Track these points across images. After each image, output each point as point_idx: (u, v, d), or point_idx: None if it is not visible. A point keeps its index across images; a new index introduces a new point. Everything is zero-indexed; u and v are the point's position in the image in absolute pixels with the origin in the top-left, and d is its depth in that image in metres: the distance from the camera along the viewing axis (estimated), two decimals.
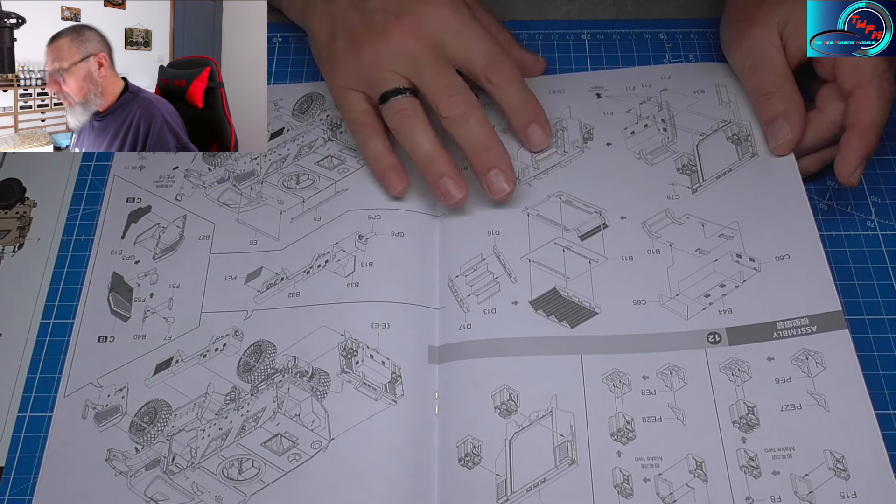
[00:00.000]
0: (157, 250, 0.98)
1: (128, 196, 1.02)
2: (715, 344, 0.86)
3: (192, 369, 0.90)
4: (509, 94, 0.95)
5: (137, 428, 0.87)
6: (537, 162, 1.00)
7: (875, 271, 0.95)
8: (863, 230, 0.98)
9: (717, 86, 1.04)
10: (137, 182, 1.03)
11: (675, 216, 0.94)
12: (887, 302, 0.93)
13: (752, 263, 0.90)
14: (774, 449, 0.80)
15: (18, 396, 0.90)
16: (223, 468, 0.84)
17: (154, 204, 1.01)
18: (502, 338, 0.88)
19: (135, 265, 0.97)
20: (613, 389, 0.84)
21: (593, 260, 0.92)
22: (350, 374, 0.87)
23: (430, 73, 0.93)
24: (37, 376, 0.91)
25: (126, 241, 0.98)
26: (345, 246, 0.95)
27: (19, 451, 0.87)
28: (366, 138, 0.97)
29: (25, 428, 0.88)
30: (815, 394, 0.82)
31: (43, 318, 0.95)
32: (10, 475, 0.86)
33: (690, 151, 0.99)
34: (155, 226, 0.99)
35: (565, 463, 0.81)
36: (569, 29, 1.15)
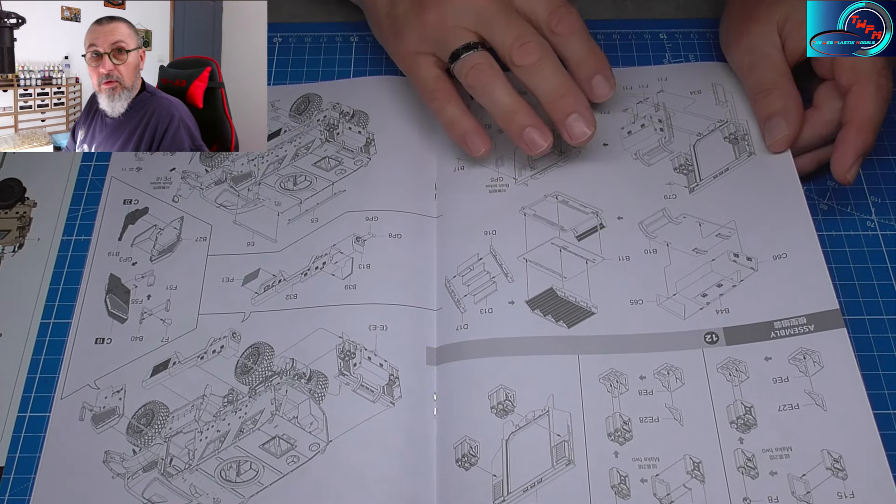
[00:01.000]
0: (155, 252, 0.97)
1: (125, 198, 1.01)
2: (712, 344, 0.86)
3: (190, 371, 0.90)
4: (573, 46, 0.94)
5: (135, 430, 0.87)
6: (534, 162, 0.99)
7: (875, 271, 0.95)
8: (863, 230, 0.97)
9: (714, 85, 1.04)
10: (134, 184, 1.03)
11: (671, 216, 0.94)
12: (887, 302, 0.92)
13: (749, 263, 0.90)
14: (772, 449, 0.79)
15: (18, 396, 0.90)
16: (221, 470, 0.84)
17: (151, 205, 1.01)
18: (499, 338, 0.88)
19: (132, 267, 0.96)
20: (610, 389, 0.84)
21: (590, 260, 0.92)
22: (348, 376, 0.87)
23: (499, 24, 0.91)
24: (37, 376, 0.91)
25: (123, 242, 0.98)
26: (342, 248, 0.95)
27: (19, 451, 0.87)
28: (441, 104, 0.95)
29: (25, 428, 0.88)
30: (813, 393, 0.81)
31: (43, 318, 0.95)
32: (10, 475, 0.85)
33: (687, 151, 0.99)
34: (152, 227, 0.99)
35: (562, 463, 0.80)
36: None
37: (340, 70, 1.13)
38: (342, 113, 1.07)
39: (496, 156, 1.00)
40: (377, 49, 1.11)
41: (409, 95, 1.07)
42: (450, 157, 1.01)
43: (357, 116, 1.06)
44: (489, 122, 0.98)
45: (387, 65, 1.11)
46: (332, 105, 1.08)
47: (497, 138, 0.99)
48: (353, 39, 1.16)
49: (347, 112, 1.07)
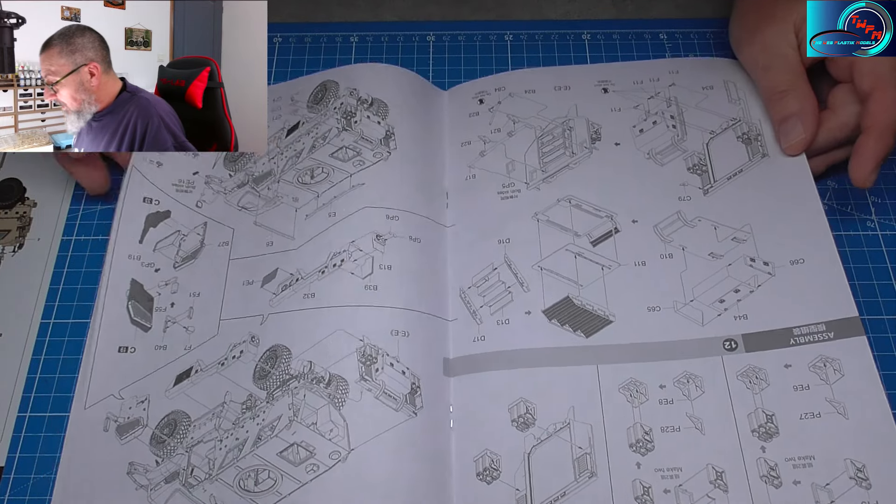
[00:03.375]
0: (178, 258, 0.96)
1: (145, 195, 0.98)
2: (731, 351, 0.86)
3: (210, 378, 0.89)
4: None
5: (158, 440, 0.86)
6: (545, 164, 0.99)
7: (875, 271, 0.95)
8: (863, 230, 0.98)
9: (727, 82, 1.03)
10: (156, 182, 0.99)
11: (686, 219, 0.94)
12: (887, 302, 0.93)
13: (766, 268, 0.89)
14: (795, 458, 0.79)
15: (18, 396, 0.90)
16: (240, 480, 0.82)
17: (174, 209, 0.99)
18: (517, 349, 0.87)
19: (155, 273, 0.95)
20: (630, 399, 0.84)
21: (606, 266, 0.92)
22: (370, 381, 0.85)
23: None
24: (37, 376, 0.91)
25: (145, 246, 0.96)
26: (361, 245, 0.92)
27: (19, 451, 0.87)
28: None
29: (25, 428, 0.88)
30: (834, 401, 0.81)
31: (43, 318, 0.95)
32: (10, 475, 0.86)
33: (701, 150, 0.98)
34: (175, 233, 0.97)
35: (585, 476, 0.80)
36: (569, 29, 1.15)
37: None
38: (360, 100, 1.03)
39: (507, 160, 1.00)
40: (377, 49, 1.11)
41: (423, 93, 1.06)
42: (461, 165, 1.00)
43: (376, 105, 1.03)
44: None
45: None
46: (349, 91, 1.04)
47: (507, 143, 0.99)
48: (353, 39, 1.15)
49: (366, 99, 1.03)
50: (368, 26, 1.16)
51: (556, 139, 1.01)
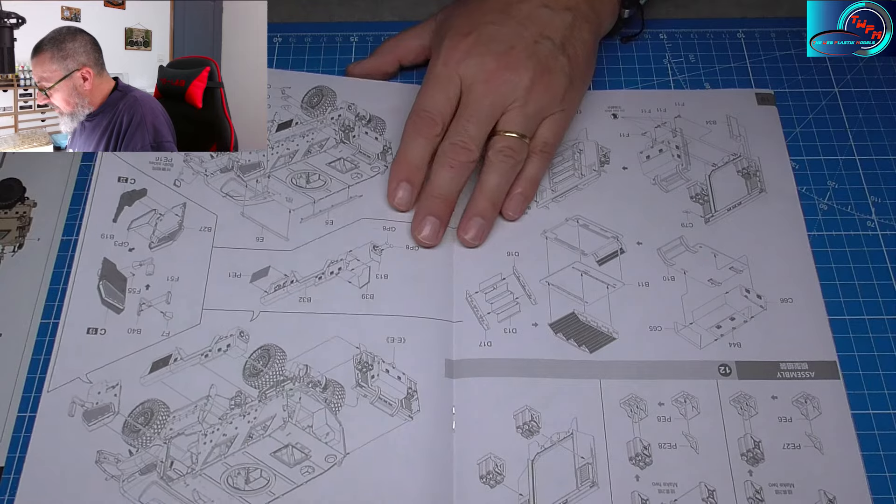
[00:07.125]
0: (154, 238, 0.95)
1: (119, 175, 0.98)
2: (726, 376, 0.90)
3: (193, 369, 0.88)
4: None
5: (131, 429, 0.84)
6: (555, 185, 1.01)
7: (875, 271, 0.96)
8: (863, 230, 0.99)
9: (728, 117, 1.07)
10: (130, 160, 0.99)
11: (688, 244, 0.98)
12: (887, 302, 0.94)
13: (759, 301, 0.94)
14: (777, 484, 0.84)
15: (18, 396, 0.89)
16: (228, 477, 0.83)
17: (150, 187, 0.98)
18: (524, 358, 0.90)
19: (129, 253, 0.94)
20: (631, 414, 0.87)
21: (610, 285, 0.95)
22: (365, 387, 0.87)
23: None
24: (37, 376, 0.90)
25: (118, 225, 0.95)
26: (359, 255, 0.95)
27: (19, 451, 0.86)
28: None
29: (25, 428, 0.87)
30: (812, 436, 0.86)
31: (43, 318, 0.93)
32: (10, 475, 0.84)
33: (703, 181, 1.02)
34: (151, 211, 0.96)
35: (586, 485, 0.84)
36: None
37: (340, 70, 1.11)
38: (358, 116, 1.05)
39: None
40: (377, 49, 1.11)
41: None
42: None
43: (374, 122, 1.05)
44: None
45: None
46: (346, 105, 1.06)
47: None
48: (353, 39, 1.15)
49: (364, 116, 1.05)
50: (368, 26, 1.16)
51: (566, 160, 1.03)
